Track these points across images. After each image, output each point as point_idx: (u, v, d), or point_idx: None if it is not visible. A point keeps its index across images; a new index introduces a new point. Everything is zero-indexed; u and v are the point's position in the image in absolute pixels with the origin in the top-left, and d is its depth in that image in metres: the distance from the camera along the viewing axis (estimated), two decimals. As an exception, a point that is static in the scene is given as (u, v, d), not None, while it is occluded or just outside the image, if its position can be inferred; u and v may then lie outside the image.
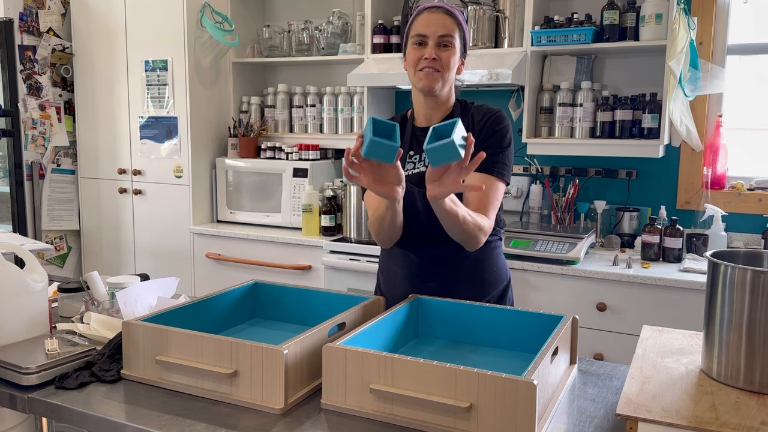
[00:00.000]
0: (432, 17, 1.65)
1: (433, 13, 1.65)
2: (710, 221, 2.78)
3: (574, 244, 2.65)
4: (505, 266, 1.82)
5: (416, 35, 1.65)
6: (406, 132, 1.75)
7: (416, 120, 1.76)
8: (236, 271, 3.32)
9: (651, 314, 2.46)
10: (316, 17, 3.62)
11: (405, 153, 1.72)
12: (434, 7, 1.67)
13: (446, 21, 1.64)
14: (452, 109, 1.74)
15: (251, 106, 3.68)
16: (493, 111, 1.72)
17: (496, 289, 1.78)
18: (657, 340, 1.44)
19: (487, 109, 1.73)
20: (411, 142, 1.74)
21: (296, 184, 3.35)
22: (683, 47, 2.59)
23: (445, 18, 1.65)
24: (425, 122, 1.74)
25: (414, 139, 1.74)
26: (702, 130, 2.88)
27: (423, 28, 1.64)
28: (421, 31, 1.64)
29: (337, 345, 1.23)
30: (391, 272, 1.81)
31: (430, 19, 1.64)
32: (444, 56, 1.63)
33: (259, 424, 1.19)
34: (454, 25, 1.65)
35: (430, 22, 1.64)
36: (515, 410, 1.08)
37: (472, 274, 1.73)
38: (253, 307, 1.70)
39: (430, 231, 1.63)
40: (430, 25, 1.64)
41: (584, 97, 2.85)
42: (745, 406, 1.12)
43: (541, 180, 3.13)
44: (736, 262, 1.25)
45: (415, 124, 1.76)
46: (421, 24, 1.65)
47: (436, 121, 1.71)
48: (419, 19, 1.66)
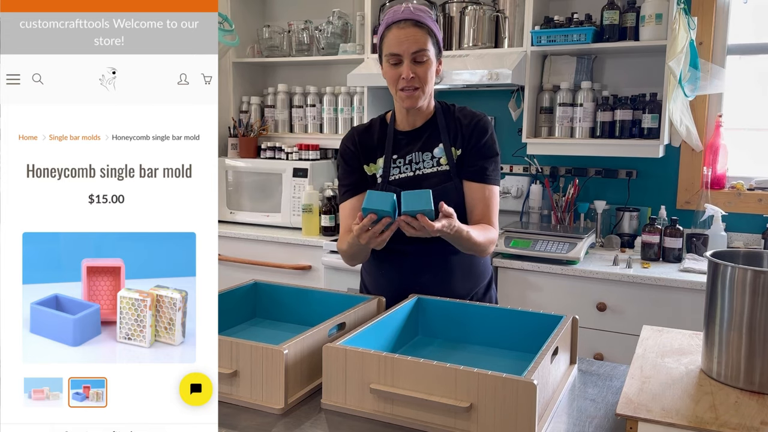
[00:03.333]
0: (402, 33, 1.62)
1: (402, 29, 1.62)
2: (710, 221, 2.78)
3: (574, 244, 2.65)
4: (489, 260, 1.86)
5: (389, 54, 1.64)
6: (387, 136, 1.75)
7: (398, 124, 1.77)
8: (236, 271, 3.32)
9: (651, 314, 2.46)
10: (316, 17, 3.62)
11: (389, 157, 1.74)
12: (403, 20, 1.63)
13: (417, 35, 1.61)
14: (434, 113, 1.75)
15: (251, 106, 3.69)
16: (478, 117, 1.73)
17: (483, 281, 1.81)
18: (657, 340, 1.44)
19: (472, 114, 1.74)
20: (394, 146, 1.75)
21: (296, 184, 3.35)
22: (683, 47, 2.59)
23: (415, 32, 1.61)
24: (408, 127, 1.75)
25: (396, 143, 1.75)
26: (702, 130, 2.88)
27: (395, 47, 1.62)
28: (393, 50, 1.62)
29: (337, 345, 1.23)
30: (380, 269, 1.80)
31: (400, 36, 1.62)
32: (420, 71, 1.63)
33: (259, 424, 1.19)
34: (426, 36, 1.63)
35: (401, 39, 1.61)
36: (515, 410, 1.08)
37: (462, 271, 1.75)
38: (253, 307, 1.70)
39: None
40: (402, 43, 1.61)
41: (584, 97, 2.85)
42: (745, 406, 1.12)
43: (541, 180, 3.13)
44: (736, 262, 1.25)
45: (397, 128, 1.77)
46: (392, 42, 1.63)
47: (419, 125, 1.74)
48: (389, 36, 1.64)
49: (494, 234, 1.69)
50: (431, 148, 1.72)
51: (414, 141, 1.73)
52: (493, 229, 1.69)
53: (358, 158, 1.77)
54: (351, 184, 1.78)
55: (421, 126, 1.74)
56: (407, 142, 1.74)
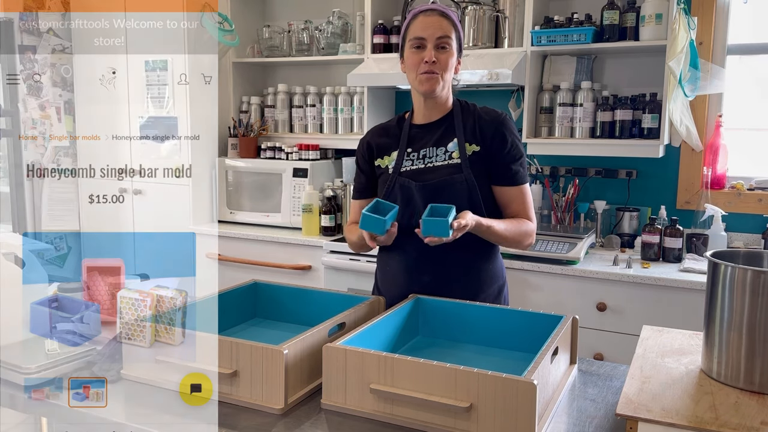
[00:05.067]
0: (428, 20, 1.67)
1: (428, 16, 1.68)
2: (710, 221, 2.78)
3: (574, 244, 2.65)
4: (501, 267, 1.83)
5: (414, 38, 1.68)
6: (403, 131, 1.78)
7: (415, 118, 1.79)
8: (236, 271, 3.32)
9: (651, 314, 2.46)
10: (316, 17, 3.62)
11: (403, 150, 1.76)
12: (430, 10, 1.69)
13: (442, 23, 1.67)
14: (452, 109, 1.76)
15: (251, 106, 3.68)
16: (501, 118, 1.74)
17: (491, 287, 1.78)
18: (657, 340, 1.44)
19: (494, 114, 1.75)
20: (409, 139, 1.77)
21: (296, 184, 3.35)
22: (683, 47, 2.59)
23: (441, 20, 1.67)
24: (424, 120, 1.77)
25: (411, 136, 1.77)
26: (702, 130, 2.88)
27: (420, 31, 1.67)
28: (418, 34, 1.67)
29: (337, 345, 1.23)
30: (387, 267, 1.81)
31: (426, 22, 1.67)
32: (442, 58, 1.67)
33: (259, 424, 1.19)
34: (450, 26, 1.68)
35: (426, 25, 1.66)
36: (515, 410, 1.08)
37: (468, 271, 1.74)
38: (253, 307, 1.70)
39: None
40: (428, 28, 1.66)
41: (584, 97, 2.85)
42: (745, 406, 1.12)
43: (541, 180, 3.13)
44: (736, 262, 1.25)
45: (413, 122, 1.79)
46: (418, 27, 1.68)
47: (435, 119, 1.75)
48: (416, 23, 1.69)
49: (529, 226, 1.73)
50: (445, 143, 1.73)
51: (429, 134, 1.75)
52: (529, 222, 1.73)
53: (368, 161, 1.82)
54: (359, 186, 1.87)
55: (438, 120, 1.75)
56: (422, 135, 1.76)
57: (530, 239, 1.75)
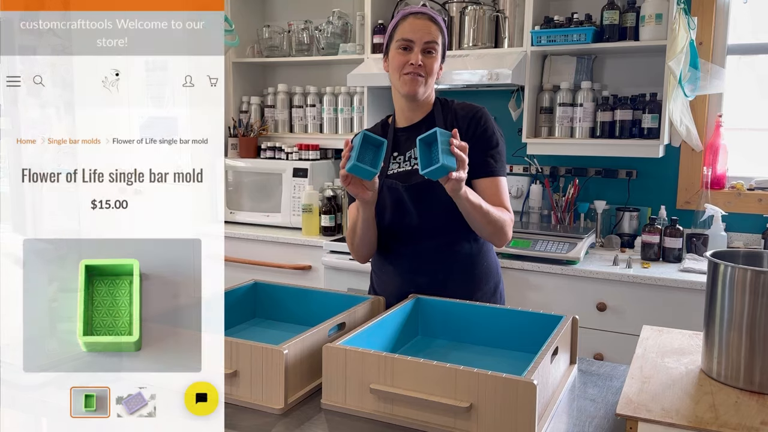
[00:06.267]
0: (418, 23, 1.67)
1: (418, 19, 1.67)
2: (710, 221, 2.78)
3: (574, 244, 2.65)
4: (496, 263, 1.84)
5: (402, 39, 1.67)
6: (388, 135, 1.78)
7: (398, 122, 1.80)
8: (236, 271, 3.32)
9: (651, 314, 2.46)
10: (316, 17, 3.62)
11: (389, 154, 1.76)
12: (420, 13, 1.69)
13: (431, 28, 1.67)
14: (432, 108, 1.76)
15: (251, 106, 3.68)
16: (475, 110, 1.74)
17: (487, 285, 1.79)
18: (657, 340, 1.44)
19: (470, 107, 1.75)
20: (394, 143, 1.78)
21: (296, 184, 3.35)
22: (683, 47, 2.59)
23: (430, 25, 1.67)
24: (407, 123, 1.77)
25: (396, 141, 1.78)
26: (702, 130, 2.88)
27: (409, 33, 1.66)
28: (407, 36, 1.66)
29: (337, 345, 1.23)
30: (383, 269, 1.81)
31: (415, 25, 1.67)
32: (428, 63, 1.67)
33: (259, 424, 1.19)
34: (438, 32, 1.68)
35: (415, 27, 1.66)
36: (515, 410, 1.08)
37: (463, 269, 1.75)
38: (253, 307, 1.70)
39: (420, 223, 1.70)
40: (417, 31, 1.66)
41: (584, 97, 2.85)
42: (745, 406, 1.12)
43: (541, 180, 3.13)
44: (736, 262, 1.25)
45: (396, 126, 1.79)
46: (407, 29, 1.67)
47: (417, 120, 1.75)
48: (404, 24, 1.68)
49: (507, 214, 1.68)
50: None
51: (413, 136, 1.75)
52: (507, 212, 1.68)
53: None
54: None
55: (419, 121, 1.76)
56: (406, 138, 1.76)
57: (509, 230, 1.68)
